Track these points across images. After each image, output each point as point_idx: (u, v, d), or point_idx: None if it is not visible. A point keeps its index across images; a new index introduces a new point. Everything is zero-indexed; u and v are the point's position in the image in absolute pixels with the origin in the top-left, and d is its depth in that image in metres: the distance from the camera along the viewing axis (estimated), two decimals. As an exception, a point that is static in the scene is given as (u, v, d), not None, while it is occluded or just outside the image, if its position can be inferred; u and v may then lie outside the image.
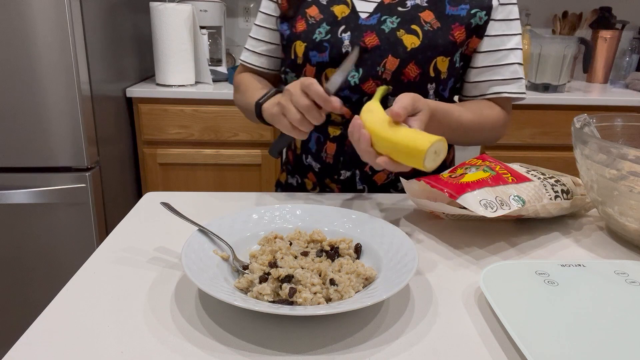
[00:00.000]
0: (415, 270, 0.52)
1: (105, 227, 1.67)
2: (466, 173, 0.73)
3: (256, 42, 1.00)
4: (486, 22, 0.86)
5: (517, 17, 0.89)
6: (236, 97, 1.02)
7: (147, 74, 2.09)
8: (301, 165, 1.00)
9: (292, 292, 0.51)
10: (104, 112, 1.66)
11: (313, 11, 0.89)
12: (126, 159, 1.89)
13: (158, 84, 1.91)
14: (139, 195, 1.99)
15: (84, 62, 1.51)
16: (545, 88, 1.99)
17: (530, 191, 0.70)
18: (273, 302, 0.51)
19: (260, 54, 1.00)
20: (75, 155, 1.53)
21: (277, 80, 1.04)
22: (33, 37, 1.42)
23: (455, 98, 0.99)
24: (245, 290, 0.54)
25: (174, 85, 1.88)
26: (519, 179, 0.72)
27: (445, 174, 0.76)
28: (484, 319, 0.52)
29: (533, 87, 2.03)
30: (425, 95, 0.88)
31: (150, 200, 0.82)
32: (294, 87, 0.73)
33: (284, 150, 1.08)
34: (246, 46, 1.02)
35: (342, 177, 0.94)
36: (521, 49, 0.91)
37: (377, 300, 0.47)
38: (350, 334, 0.49)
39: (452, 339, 0.49)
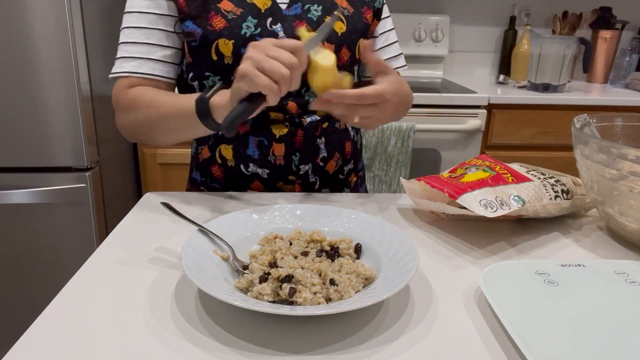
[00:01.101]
0: (415, 270, 0.52)
1: (105, 227, 1.67)
2: (466, 173, 0.73)
3: (148, 47, 0.83)
4: (383, 5, 0.97)
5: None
6: (129, 117, 0.83)
7: (147, 74, 2.08)
8: (239, 177, 0.90)
9: (292, 292, 0.51)
10: (104, 112, 1.66)
11: (227, 5, 0.82)
12: (126, 159, 1.89)
13: (158, 84, 1.90)
14: (139, 195, 1.99)
15: (84, 62, 1.51)
16: (545, 88, 1.99)
17: (530, 191, 0.70)
18: (273, 302, 0.51)
19: (158, 60, 0.84)
20: (75, 155, 1.53)
21: (172, 91, 0.88)
22: (33, 37, 1.42)
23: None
24: (245, 290, 0.54)
25: (174, 85, 1.88)
26: (519, 179, 0.72)
27: (445, 174, 0.76)
28: (484, 319, 0.52)
29: (533, 87, 2.03)
30: (353, 76, 0.93)
31: (150, 200, 0.82)
32: (264, 43, 0.63)
33: (193, 168, 0.97)
34: (127, 55, 0.83)
35: (301, 172, 0.89)
36: (394, 28, 1.02)
37: (377, 300, 0.47)
38: (350, 334, 0.49)
39: (452, 339, 0.49)
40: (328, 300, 0.52)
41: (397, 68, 1.02)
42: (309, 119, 0.88)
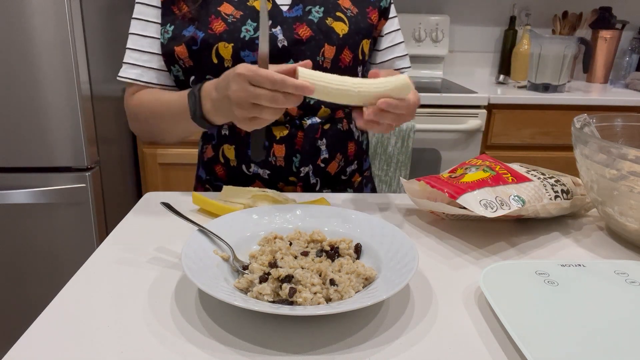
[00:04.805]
0: (415, 270, 0.52)
1: (105, 227, 1.67)
2: (466, 173, 0.73)
3: (151, 56, 0.86)
4: (390, 4, 0.95)
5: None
6: (139, 125, 0.89)
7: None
8: (241, 177, 0.91)
9: (292, 292, 0.51)
10: (104, 112, 1.66)
11: (228, 9, 0.83)
12: (126, 159, 1.89)
13: (158, 84, 1.90)
14: (139, 195, 1.99)
15: (84, 62, 1.51)
16: (545, 88, 1.99)
17: (530, 191, 0.70)
18: (273, 302, 0.51)
19: (159, 70, 0.87)
20: (75, 155, 1.53)
21: None
22: (33, 37, 1.42)
23: None
24: (245, 290, 0.54)
25: (174, 85, 1.88)
26: (519, 179, 0.72)
27: (445, 174, 0.76)
28: (484, 319, 0.52)
29: (533, 87, 2.03)
30: (356, 77, 0.92)
31: (150, 200, 0.82)
32: (238, 85, 0.65)
33: (199, 165, 0.99)
34: (131, 61, 0.87)
35: (302, 174, 0.90)
36: (400, 28, 1.00)
37: (377, 300, 0.47)
38: (350, 334, 0.49)
39: (452, 339, 0.49)
40: (328, 300, 0.52)
41: (402, 69, 1.01)
42: (309, 121, 0.88)
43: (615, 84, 2.24)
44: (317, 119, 0.88)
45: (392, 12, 0.97)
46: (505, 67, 2.35)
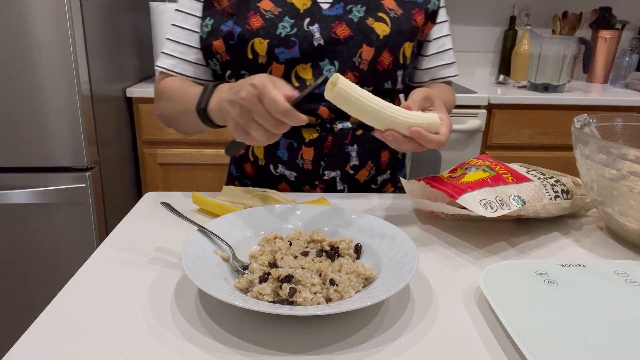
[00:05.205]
0: (415, 270, 0.52)
1: (105, 227, 1.67)
2: (466, 173, 0.73)
3: (186, 48, 0.88)
4: (438, 8, 0.91)
5: (445, 4, 0.95)
6: (160, 107, 0.90)
7: (147, 74, 2.08)
8: (268, 177, 0.91)
9: (292, 292, 0.51)
10: (104, 112, 1.66)
11: (267, 5, 0.82)
12: (126, 159, 1.89)
13: (158, 84, 1.90)
14: (139, 195, 1.99)
15: (84, 62, 1.51)
16: (545, 88, 1.99)
17: (530, 191, 0.70)
18: (273, 302, 0.51)
19: (192, 62, 0.89)
20: (75, 155, 1.53)
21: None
22: (33, 37, 1.42)
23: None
24: (245, 291, 0.54)
25: (174, 85, 1.88)
26: (519, 179, 0.72)
27: (445, 174, 0.76)
28: (484, 319, 0.52)
29: (533, 87, 2.03)
30: (395, 81, 0.90)
31: (150, 200, 0.82)
32: (248, 94, 0.61)
33: (231, 162, 1.00)
34: (167, 52, 0.89)
35: (325, 177, 0.89)
36: (450, 34, 0.97)
37: (377, 300, 0.47)
38: (350, 334, 0.49)
39: (452, 339, 0.49)
40: (328, 300, 0.52)
41: (448, 77, 0.97)
42: (340, 125, 0.86)
43: (615, 84, 2.24)
44: (348, 124, 0.86)
45: (442, 16, 0.93)
46: (505, 67, 2.35)
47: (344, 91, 0.61)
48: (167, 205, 0.68)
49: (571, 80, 2.32)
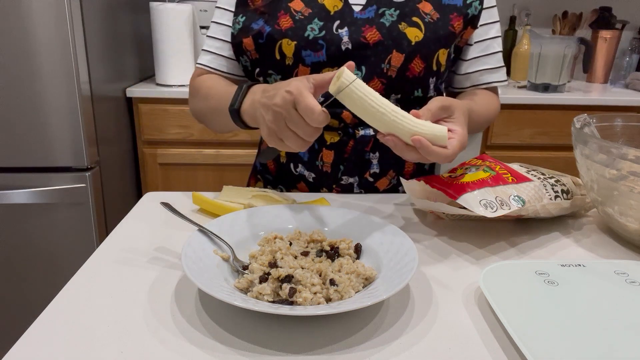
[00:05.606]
0: (415, 270, 0.52)
1: (105, 227, 1.67)
2: (466, 173, 0.73)
3: (223, 44, 0.88)
4: (480, 12, 0.86)
5: (495, 3, 0.89)
6: (194, 103, 0.90)
7: (147, 74, 2.09)
8: (288, 175, 0.91)
9: (292, 292, 0.51)
10: (104, 112, 1.66)
11: (298, 5, 0.81)
12: (126, 159, 1.89)
13: (158, 84, 1.91)
14: (139, 195, 1.99)
15: (84, 62, 1.51)
16: (545, 88, 1.99)
17: (530, 191, 0.70)
18: (273, 302, 0.51)
19: (227, 57, 0.89)
20: (75, 155, 1.53)
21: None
22: (33, 37, 1.42)
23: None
24: (245, 291, 0.54)
25: (174, 85, 1.88)
26: (519, 179, 0.72)
27: (445, 174, 0.76)
28: (484, 319, 0.52)
29: (533, 87, 2.03)
30: (426, 89, 0.86)
31: (150, 200, 0.82)
32: (282, 100, 0.58)
33: (257, 156, 1.02)
34: (206, 48, 0.90)
35: (342, 182, 0.88)
36: (501, 36, 0.92)
37: (377, 300, 0.47)
38: (350, 334, 0.49)
39: (452, 339, 0.49)
40: (328, 300, 0.52)
41: (492, 83, 0.91)
42: (362, 132, 0.85)
43: (615, 84, 2.24)
44: (370, 131, 0.85)
45: (486, 18, 0.88)
46: (505, 67, 2.35)
47: (346, 85, 0.58)
48: (167, 205, 0.68)
49: (571, 80, 2.32)
